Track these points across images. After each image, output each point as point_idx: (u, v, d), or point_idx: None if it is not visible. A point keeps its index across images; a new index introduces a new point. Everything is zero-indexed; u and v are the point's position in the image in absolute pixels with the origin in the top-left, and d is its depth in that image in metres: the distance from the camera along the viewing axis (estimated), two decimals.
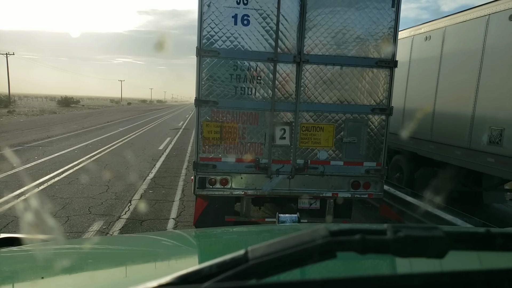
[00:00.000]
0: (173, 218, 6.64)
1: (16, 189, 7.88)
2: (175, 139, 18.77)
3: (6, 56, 52.06)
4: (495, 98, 5.98)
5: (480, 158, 6.14)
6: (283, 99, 4.83)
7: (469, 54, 6.43)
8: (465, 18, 6.61)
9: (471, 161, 6.37)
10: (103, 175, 9.49)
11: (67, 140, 16.27)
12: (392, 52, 4.82)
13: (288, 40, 4.71)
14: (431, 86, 7.42)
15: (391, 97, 4.94)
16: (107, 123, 27.88)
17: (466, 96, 6.44)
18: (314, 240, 0.60)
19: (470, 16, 6.50)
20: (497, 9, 5.88)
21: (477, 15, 6.30)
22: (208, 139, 4.78)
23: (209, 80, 4.67)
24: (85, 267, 1.40)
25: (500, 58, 5.87)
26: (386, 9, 4.72)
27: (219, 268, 0.62)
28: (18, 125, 23.66)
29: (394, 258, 0.61)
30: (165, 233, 3.26)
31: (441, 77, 7.20)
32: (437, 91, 7.31)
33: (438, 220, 5.29)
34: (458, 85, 6.80)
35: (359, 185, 5.05)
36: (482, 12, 6.19)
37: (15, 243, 1.58)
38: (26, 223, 5.58)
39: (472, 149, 6.33)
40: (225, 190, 4.92)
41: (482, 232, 0.64)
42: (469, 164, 6.44)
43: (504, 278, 0.66)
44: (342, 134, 4.94)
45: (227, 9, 4.55)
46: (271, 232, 2.09)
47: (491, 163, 5.93)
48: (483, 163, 6.09)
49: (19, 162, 10.65)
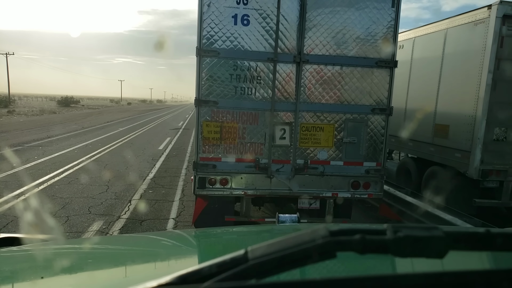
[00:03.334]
0: (173, 218, 6.64)
1: (16, 189, 7.87)
2: (175, 139, 18.77)
3: (6, 56, 52.06)
4: (447, 99, 7.11)
5: (446, 152, 7.12)
6: (283, 99, 4.82)
7: (432, 62, 7.47)
8: (429, 31, 7.69)
9: (436, 154, 7.40)
10: (103, 175, 9.49)
11: (67, 140, 16.27)
12: (392, 52, 4.82)
13: (288, 40, 4.71)
14: (404, 88, 8.32)
15: (391, 97, 4.94)
16: (107, 123, 27.88)
17: (430, 97, 7.51)
18: (314, 240, 0.60)
19: (433, 29, 7.57)
20: (454, 24, 6.97)
21: (438, 29, 7.44)
22: (208, 139, 4.78)
23: (209, 80, 4.67)
24: (85, 267, 1.40)
25: (450, 66, 7.06)
26: (386, 9, 4.72)
27: (219, 268, 0.62)
28: (18, 125, 23.66)
29: (394, 258, 0.61)
30: (165, 233, 3.26)
31: (411, 81, 8.28)
32: (408, 94, 8.34)
33: (438, 220, 5.29)
34: (424, 88, 7.83)
35: (359, 185, 5.05)
36: (442, 26, 7.31)
37: (15, 243, 1.57)
38: (25, 223, 5.58)
39: (435, 144, 7.40)
40: (225, 190, 4.91)
41: (482, 232, 0.64)
42: (434, 158, 7.50)
43: (504, 278, 0.66)
44: (342, 134, 4.94)
45: (227, 9, 4.55)
46: (271, 232, 2.09)
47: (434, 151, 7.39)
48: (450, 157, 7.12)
49: (19, 162, 10.65)
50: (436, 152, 7.32)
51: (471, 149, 6.35)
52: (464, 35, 6.71)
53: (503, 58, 6.03)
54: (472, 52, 6.39)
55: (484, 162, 6.28)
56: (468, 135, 6.44)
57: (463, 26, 6.69)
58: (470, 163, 6.37)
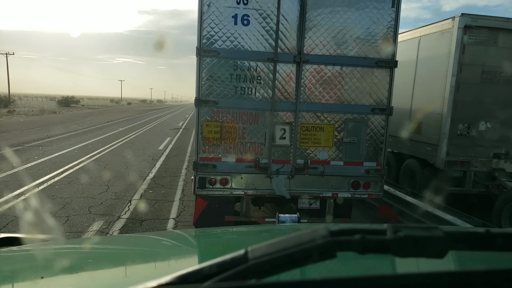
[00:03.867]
0: (173, 218, 6.64)
1: (16, 189, 7.87)
2: (175, 139, 18.77)
3: (6, 56, 52.07)
4: (420, 99, 7.95)
5: (419, 146, 7.91)
6: (283, 99, 4.82)
7: (409, 66, 8.12)
8: (406, 38, 8.41)
9: (411, 148, 8.20)
10: (103, 175, 9.49)
11: (67, 140, 16.27)
12: (392, 52, 4.82)
13: (288, 40, 4.71)
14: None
15: (391, 97, 4.95)
16: (107, 123, 27.88)
17: (407, 97, 8.23)
18: (314, 240, 0.60)
19: (409, 37, 8.37)
20: (425, 32, 7.84)
21: (413, 36, 8.21)
22: (208, 139, 4.78)
23: (209, 80, 4.67)
24: (85, 267, 1.40)
25: (423, 70, 7.88)
26: (386, 9, 4.72)
27: (219, 268, 0.62)
28: (18, 125, 23.66)
29: (394, 258, 0.61)
30: (165, 233, 3.26)
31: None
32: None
33: (438, 220, 5.29)
34: (402, 89, 8.17)
35: (359, 185, 5.05)
36: (416, 34, 8.15)
37: (15, 243, 1.58)
38: (26, 223, 5.58)
39: (410, 139, 8.06)
40: (225, 190, 4.91)
41: (482, 232, 0.64)
42: (406, 150, 8.36)
43: (504, 278, 0.66)
44: (342, 134, 4.94)
45: (227, 9, 4.55)
46: (271, 232, 2.09)
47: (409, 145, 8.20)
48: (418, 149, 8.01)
49: (19, 162, 10.65)
50: (411, 146, 8.09)
51: (439, 143, 7.16)
52: (433, 42, 7.56)
53: (465, 63, 6.88)
54: (440, 57, 7.21)
55: (449, 154, 7.09)
56: (436, 131, 7.23)
57: (433, 34, 7.56)
58: (438, 155, 7.19)
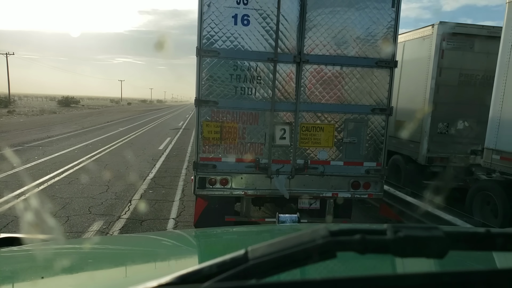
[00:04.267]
0: (173, 218, 6.64)
1: (16, 189, 7.87)
2: (175, 139, 18.77)
3: (6, 56, 52.08)
4: (404, 100, 8.49)
5: (404, 143, 8.49)
6: (283, 99, 4.82)
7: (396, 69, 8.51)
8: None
9: (397, 145, 8.73)
10: (103, 175, 9.49)
11: (67, 140, 16.28)
12: (392, 52, 4.82)
13: (288, 40, 4.71)
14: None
15: (391, 97, 4.95)
16: (107, 123, 27.88)
17: (393, 98, 8.31)
18: (314, 240, 0.60)
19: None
20: (409, 38, 8.47)
21: (399, 41, 8.33)
22: (208, 139, 4.78)
23: (209, 80, 4.67)
24: (85, 267, 1.40)
25: (407, 72, 8.43)
26: (386, 9, 4.72)
27: (219, 268, 0.62)
28: (18, 125, 23.66)
29: (394, 258, 0.61)
30: (165, 233, 3.27)
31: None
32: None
33: (438, 220, 5.29)
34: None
35: (359, 185, 5.05)
36: (401, 39, 8.38)
37: (15, 243, 1.57)
38: (26, 223, 5.59)
39: (396, 137, 8.66)
40: (225, 190, 4.91)
41: (482, 232, 0.63)
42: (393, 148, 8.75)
43: (504, 278, 0.66)
44: (342, 134, 4.94)
45: (227, 9, 4.55)
46: (271, 232, 2.09)
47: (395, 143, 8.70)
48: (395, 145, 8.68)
49: (19, 162, 10.65)
50: (397, 143, 8.62)
51: (420, 140, 7.80)
52: (416, 47, 8.16)
53: (444, 67, 7.53)
54: (421, 61, 7.85)
55: (430, 151, 7.74)
56: (418, 129, 7.83)
57: (415, 40, 8.19)
58: (419, 151, 7.86)
